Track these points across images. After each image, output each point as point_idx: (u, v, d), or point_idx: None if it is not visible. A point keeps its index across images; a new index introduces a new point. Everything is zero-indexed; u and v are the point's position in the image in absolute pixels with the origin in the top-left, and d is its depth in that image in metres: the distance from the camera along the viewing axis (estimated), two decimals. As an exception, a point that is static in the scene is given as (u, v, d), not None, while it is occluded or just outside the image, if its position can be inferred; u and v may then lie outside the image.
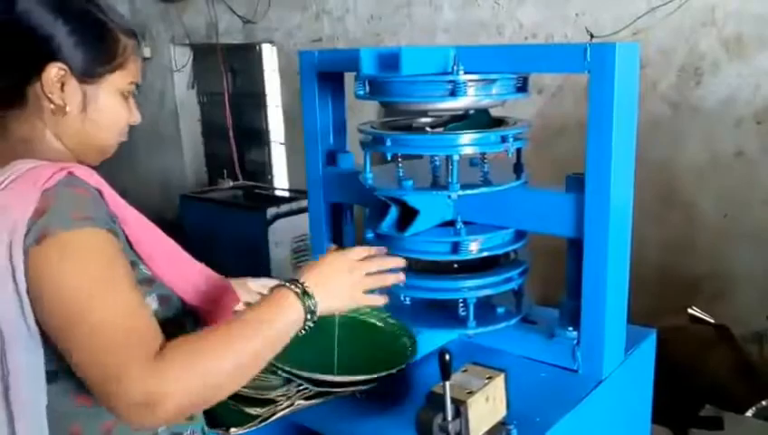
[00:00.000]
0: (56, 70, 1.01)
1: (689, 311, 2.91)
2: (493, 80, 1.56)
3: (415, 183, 1.61)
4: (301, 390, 1.40)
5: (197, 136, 6.09)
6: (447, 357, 1.11)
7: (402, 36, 4.16)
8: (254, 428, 1.33)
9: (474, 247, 1.64)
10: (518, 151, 1.68)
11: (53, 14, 1.00)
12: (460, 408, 1.13)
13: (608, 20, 3.35)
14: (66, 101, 1.02)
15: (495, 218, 1.66)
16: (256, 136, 5.66)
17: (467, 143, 1.54)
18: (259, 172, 5.70)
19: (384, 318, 1.66)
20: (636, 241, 1.62)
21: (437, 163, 1.80)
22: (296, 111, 3.23)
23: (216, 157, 5.91)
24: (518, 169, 1.70)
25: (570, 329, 1.58)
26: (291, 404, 1.37)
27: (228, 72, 5.52)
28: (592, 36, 3.38)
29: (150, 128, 5.77)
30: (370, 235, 1.74)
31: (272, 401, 1.36)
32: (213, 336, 0.95)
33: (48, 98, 1.02)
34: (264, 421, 1.34)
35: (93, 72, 1.04)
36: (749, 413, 2.43)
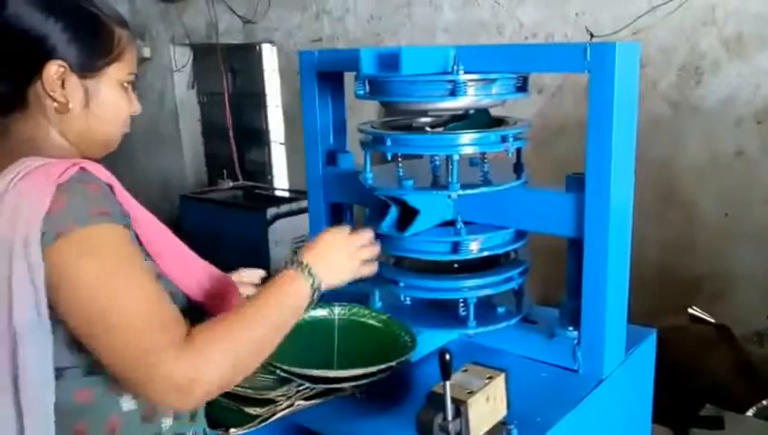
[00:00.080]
0: (56, 67, 1.00)
1: (689, 310, 2.91)
2: (493, 79, 1.56)
3: (415, 183, 1.61)
4: (300, 390, 1.40)
5: (197, 136, 6.08)
6: (448, 357, 1.11)
7: (402, 36, 4.16)
8: (254, 428, 1.33)
9: (474, 247, 1.64)
10: (518, 151, 1.68)
11: (45, 14, 0.99)
12: (460, 408, 1.13)
13: (608, 19, 3.35)
14: (68, 99, 1.02)
15: (496, 218, 1.65)
16: (256, 136, 5.65)
17: (467, 143, 1.54)
18: (259, 172, 5.69)
19: (383, 319, 1.66)
20: (636, 241, 1.62)
21: (437, 163, 1.80)
22: (296, 111, 3.23)
23: (216, 157, 5.91)
24: (518, 169, 1.70)
25: (570, 329, 1.58)
26: (290, 404, 1.38)
27: (228, 72, 5.52)
28: (592, 36, 3.38)
29: (150, 128, 5.77)
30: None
31: (271, 402, 1.36)
32: (232, 320, 1.00)
33: (50, 96, 1.01)
34: (264, 422, 1.34)
35: (93, 67, 1.03)
36: (749, 413, 2.43)
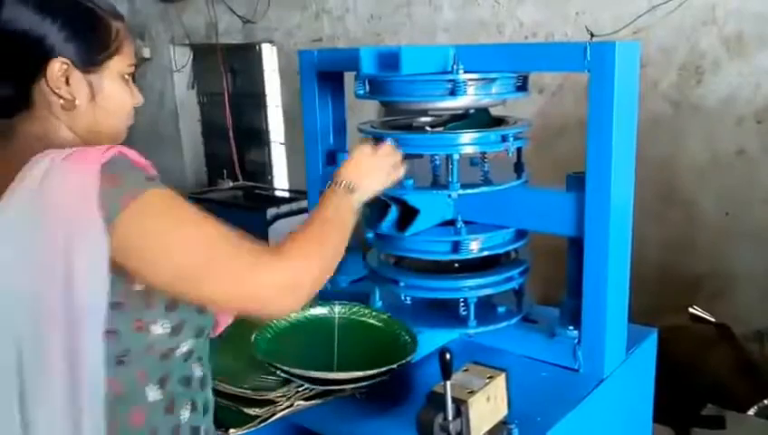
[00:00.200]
0: (59, 65, 1.01)
1: (690, 310, 2.90)
2: (493, 79, 1.55)
3: (415, 182, 1.61)
4: (300, 390, 1.40)
5: (197, 136, 6.07)
6: (448, 356, 1.11)
7: (402, 36, 4.16)
8: (254, 428, 1.33)
9: (474, 247, 1.64)
10: (518, 151, 1.68)
11: (41, 14, 0.99)
12: (461, 407, 1.13)
13: (608, 19, 3.35)
14: (74, 95, 1.03)
15: (496, 218, 1.65)
16: (256, 136, 5.65)
17: (467, 142, 1.54)
18: (259, 172, 5.69)
19: (384, 318, 1.66)
20: (636, 240, 1.62)
21: (438, 162, 1.80)
22: (296, 111, 3.22)
23: (216, 157, 5.90)
24: (518, 169, 1.70)
25: (570, 328, 1.58)
26: (290, 405, 1.37)
27: (228, 73, 5.51)
28: (593, 35, 3.38)
29: (150, 128, 5.77)
30: (370, 235, 1.74)
31: (271, 402, 1.36)
32: (306, 232, 1.12)
33: (56, 94, 1.02)
34: (264, 422, 1.34)
35: (95, 61, 1.04)
36: (751, 412, 2.42)
